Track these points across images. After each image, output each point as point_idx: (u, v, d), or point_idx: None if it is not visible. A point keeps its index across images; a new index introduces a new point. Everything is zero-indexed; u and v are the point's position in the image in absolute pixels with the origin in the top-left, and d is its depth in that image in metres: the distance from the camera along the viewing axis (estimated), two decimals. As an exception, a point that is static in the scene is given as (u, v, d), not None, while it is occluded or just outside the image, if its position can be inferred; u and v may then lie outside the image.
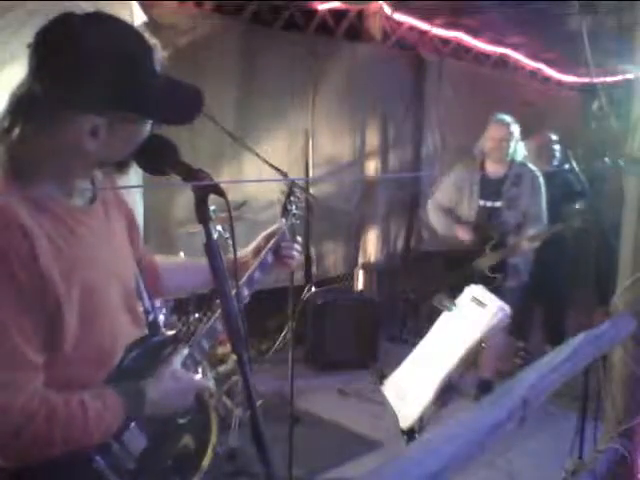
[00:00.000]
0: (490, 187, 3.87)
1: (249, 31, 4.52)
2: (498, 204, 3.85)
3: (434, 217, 4.11)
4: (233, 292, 1.16)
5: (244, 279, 1.54)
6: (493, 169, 3.89)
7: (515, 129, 3.81)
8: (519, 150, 3.85)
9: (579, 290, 4.59)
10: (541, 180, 3.91)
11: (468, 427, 1.41)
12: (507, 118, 3.82)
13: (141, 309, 1.37)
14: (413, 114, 5.84)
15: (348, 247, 5.55)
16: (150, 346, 1.32)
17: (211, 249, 1.08)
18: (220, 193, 1.08)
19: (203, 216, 1.08)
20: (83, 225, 1.18)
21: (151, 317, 1.39)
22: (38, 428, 1.05)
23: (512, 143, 3.79)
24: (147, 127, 1.17)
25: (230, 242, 1.67)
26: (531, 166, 3.94)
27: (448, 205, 4.03)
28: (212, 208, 1.17)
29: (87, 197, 1.24)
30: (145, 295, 1.38)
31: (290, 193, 1.84)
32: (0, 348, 1.04)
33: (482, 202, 3.88)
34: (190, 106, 1.18)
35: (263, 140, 4.55)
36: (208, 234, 1.07)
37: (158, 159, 1.18)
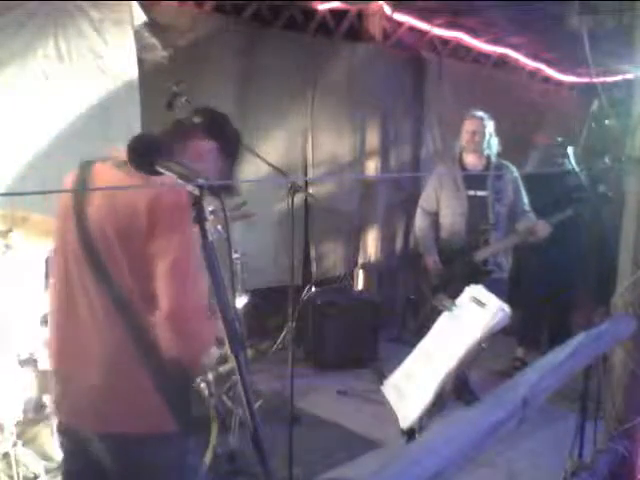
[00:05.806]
0: (473, 178, 3.98)
1: (249, 31, 4.52)
2: (483, 193, 3.94)
3: (417, 220, 4.22)
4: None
5: None
6: (471, 162, 4.02)
7: (489, 124, 3.95)
8: (493, 146, 3.98)
9: (580, 290, 4.58)
10: (519, 177, 4.02)
11: (468, 427, 1.40)
12: (481, 113, 3.98)
13: None
14: (413, 114, 5.84)
15: (348, 247, 5.54)
16: None
17: (207, 250, 1.08)
18: (215, 193, 1.08)
19: (198, 217, 1.08)
20: None
21: None
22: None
23: (486, 136, 3.93)
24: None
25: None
26: (508, 163, 4.04)
27: (429, 209, 4.14)
28: (210, 209, 1.17)
29: None
30: None
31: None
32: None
33: (471, 192, 3.97)
34: None
35: (263, 140, 4.54)
36: (204, 235, 1.07)
37: (153, 159, 1.18)
